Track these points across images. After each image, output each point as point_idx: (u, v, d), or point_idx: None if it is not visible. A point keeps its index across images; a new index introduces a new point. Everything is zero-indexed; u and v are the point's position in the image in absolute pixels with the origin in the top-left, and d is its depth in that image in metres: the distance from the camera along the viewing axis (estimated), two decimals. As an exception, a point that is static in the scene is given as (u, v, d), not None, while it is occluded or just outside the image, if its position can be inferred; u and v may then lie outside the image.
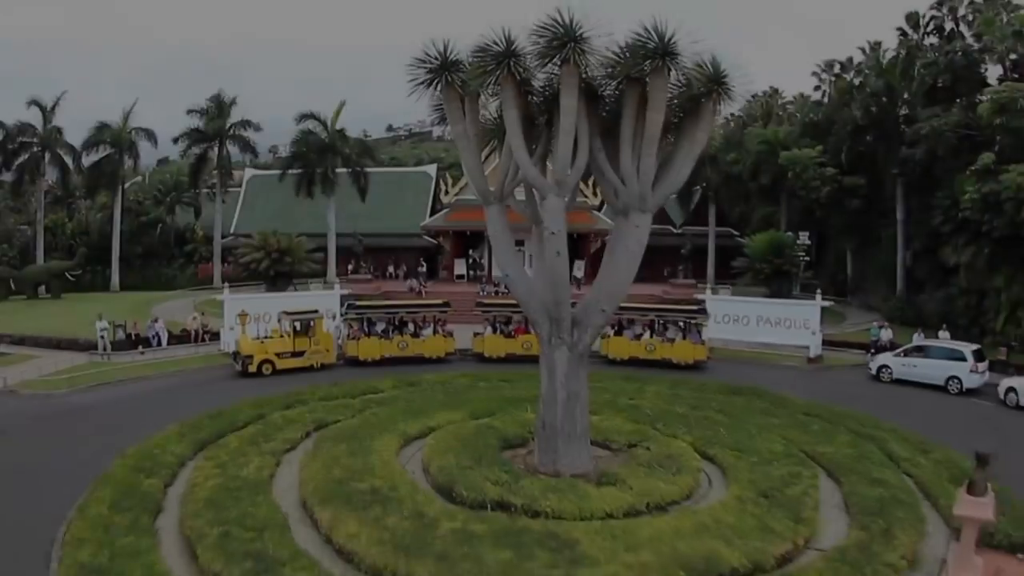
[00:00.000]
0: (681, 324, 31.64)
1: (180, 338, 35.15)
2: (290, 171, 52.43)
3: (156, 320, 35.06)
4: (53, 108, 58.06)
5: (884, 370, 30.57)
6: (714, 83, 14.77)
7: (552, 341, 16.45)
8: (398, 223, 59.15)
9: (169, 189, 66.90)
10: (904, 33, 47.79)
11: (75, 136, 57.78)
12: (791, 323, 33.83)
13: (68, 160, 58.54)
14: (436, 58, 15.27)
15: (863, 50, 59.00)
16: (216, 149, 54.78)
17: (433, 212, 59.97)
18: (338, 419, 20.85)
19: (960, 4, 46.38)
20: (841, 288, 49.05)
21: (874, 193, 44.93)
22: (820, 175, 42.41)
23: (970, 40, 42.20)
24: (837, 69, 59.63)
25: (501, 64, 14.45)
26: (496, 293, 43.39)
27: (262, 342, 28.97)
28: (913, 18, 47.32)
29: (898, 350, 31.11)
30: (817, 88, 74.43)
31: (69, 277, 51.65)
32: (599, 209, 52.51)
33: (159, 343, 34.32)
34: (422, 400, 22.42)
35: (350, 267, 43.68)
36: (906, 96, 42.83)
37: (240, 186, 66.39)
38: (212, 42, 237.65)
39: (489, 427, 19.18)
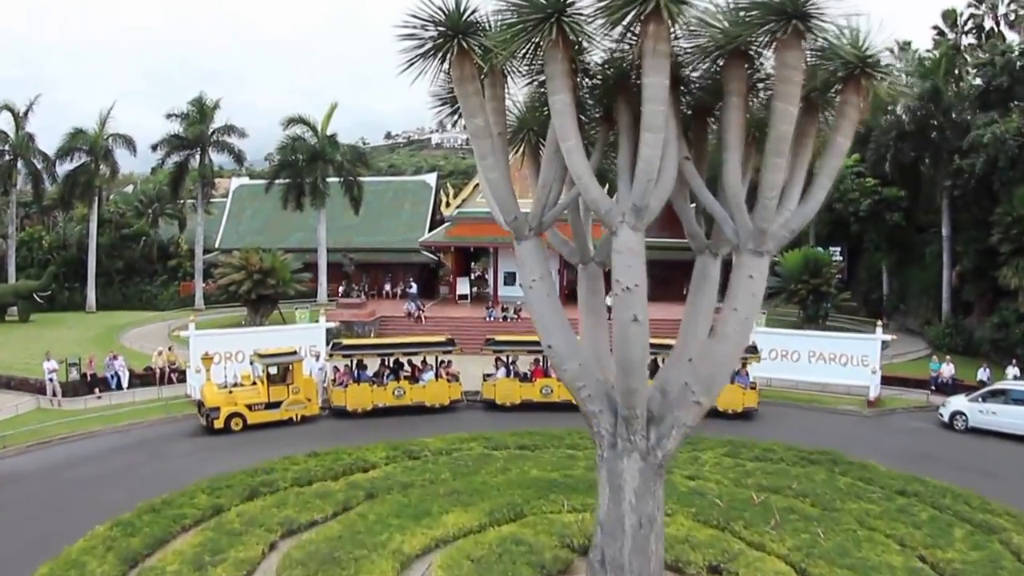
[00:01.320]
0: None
1: (144, 377, 29.51)
2: (277, 181, 46.78)
3: (115, 358, 29.35)
4: (26, 113, 52.44)
5: (958, 417, 25.37)
6: (862, 62, 9.25)
7: (617, 444, 10.89)
8: (395, 237, 53.56)
9: (151, 200, 61.08)
10: (941, 32, 42.69)
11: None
12: (847, 359, 28.37)
13: (42, 169, 52.98)
14: (443, 14, 9.63)
15: (891, 51, 54.25)
16: (198, 157, 48.92)
17: (433, 225, 54.44)
18: (314, 518, 15.25)
19: (1000, 1, 41.58)
20: (875, 308, 43.60)
21: (914, 206, 39.65)
22: (860, 186, 37.10)
23: (1017, 39, 37.36)
24: None
25: (548, 20, 8.90)
26: (505, 319, 37.79)
27: (230, 392, 23.30)
28: (951, 16, 42.24)
29: (973, 394, 25.97)
30: None
31: (37, 299, 45.85)
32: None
33: (118, 384, 28.71)
34: (423, 488, 16.70)
35: (341, 289, 38.09)
36: (951, 100, 37.63)
37: (227, 196, 60.75)
38: (212, 47, 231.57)
39: (516, 541, 13.57)
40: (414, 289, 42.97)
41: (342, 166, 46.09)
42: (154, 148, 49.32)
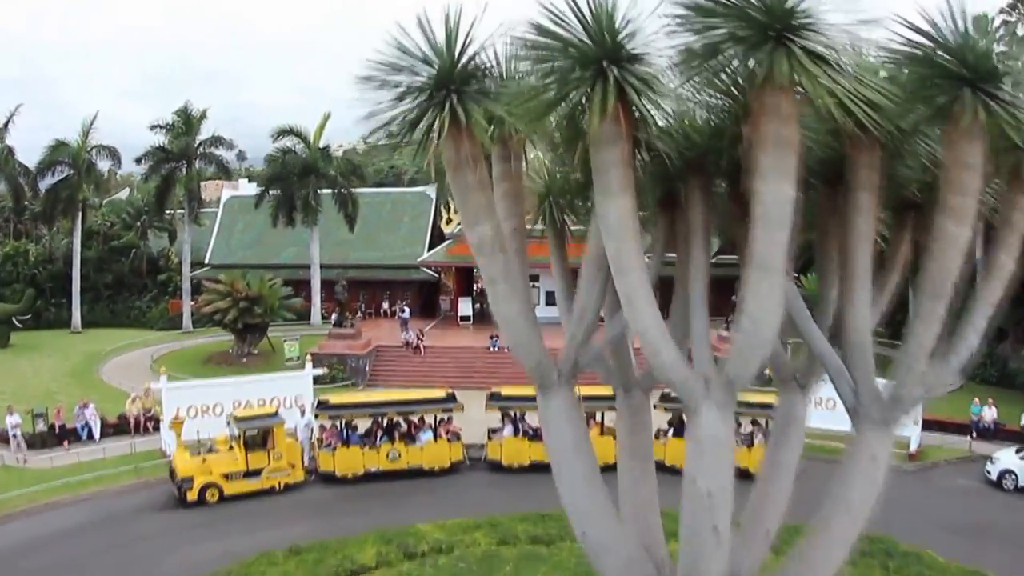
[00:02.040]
0: (760, 422, 23.28)
1: (118, 426, 26.66)
2: (269, 194, 43.78)
3: (85, 406, 26.44)
4: (6, 125, 49.53)
5: (1008, 476, 22.77)
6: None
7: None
8: (393, 252, 50.58)
9: (140, 211, 58.03)
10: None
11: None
12: None
13: (24, 183, 50.14)
14: (429, 60, 6.45)
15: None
16: (184, 170, 45.83)
17: (433, 239, 51.57)
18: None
19: (1034, 6, 38.65)
20: (898, 330, 39.91)
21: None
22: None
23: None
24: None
25: (601, 77, 5.88)
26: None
27: (204, 459, 20.42)
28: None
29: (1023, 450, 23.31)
30: None
31: (16, 323, 42.97)
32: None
33: (90, 435, 25.89)
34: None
35: (334, 316, 35.18)
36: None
37: (219, 206, 57.72)
38: (212, 46, 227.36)
39: None
40: (406, 314, 40.04)
41: (335, 180, 43.11)
42: (138, 161, 46.41)
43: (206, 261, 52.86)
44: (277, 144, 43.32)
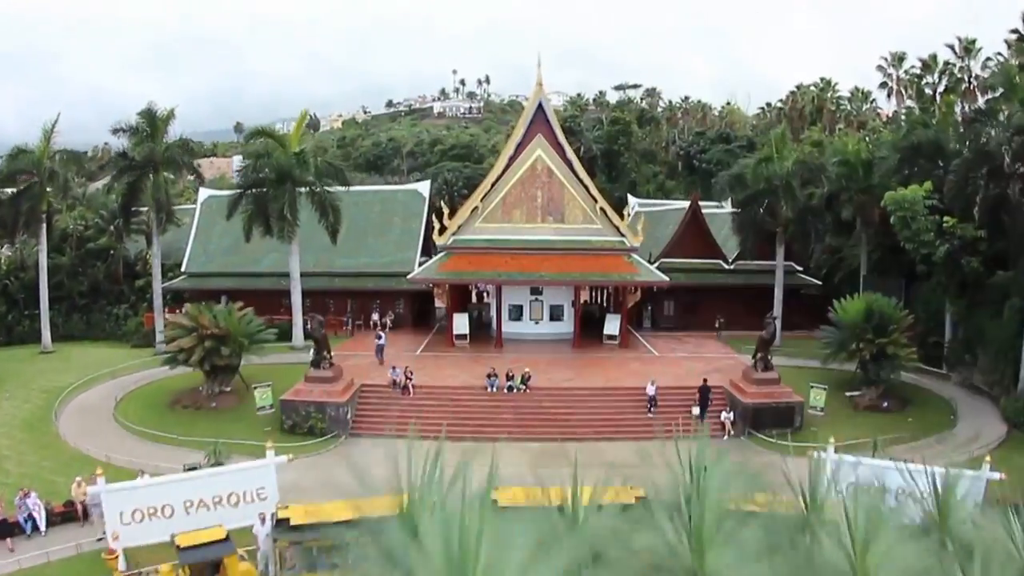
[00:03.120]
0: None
1: (67, 513, 22.97)
2: (243, 202, 39.31)
3: (27, 495, 22.55)
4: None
5: None
6: None
7: None
8: (383, 258, 46.32)
9: (115, 213, 53.63)
10: (1022, 37, 34.63)
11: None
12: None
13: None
14: None
15: (952, 48, 46.15)
16: (151, 178, 41.16)
17: (427, 242, 47.36)
18: None
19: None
20: (934, 356, 35.63)
21: (992, 246, 32.05)
22: (933, 225, 29.70)
23: None
24: (915, 68, 46.70)
25: None
26: (511, 390, 30.87)
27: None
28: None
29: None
30: (883, 85, 61.47)
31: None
32: (635, 251, 39.67)
33: (35, 527, 22.21)
34: None
35: (311, 354, 31.11)
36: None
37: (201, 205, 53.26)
38: (214, 15, 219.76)
39: None
40: (383, 340, 36.04)
41: (313, 188, 38.59)
42: (101, 167, 41.87)
43: (183, 268, 48.83)
44: (250, 148, 38.76)
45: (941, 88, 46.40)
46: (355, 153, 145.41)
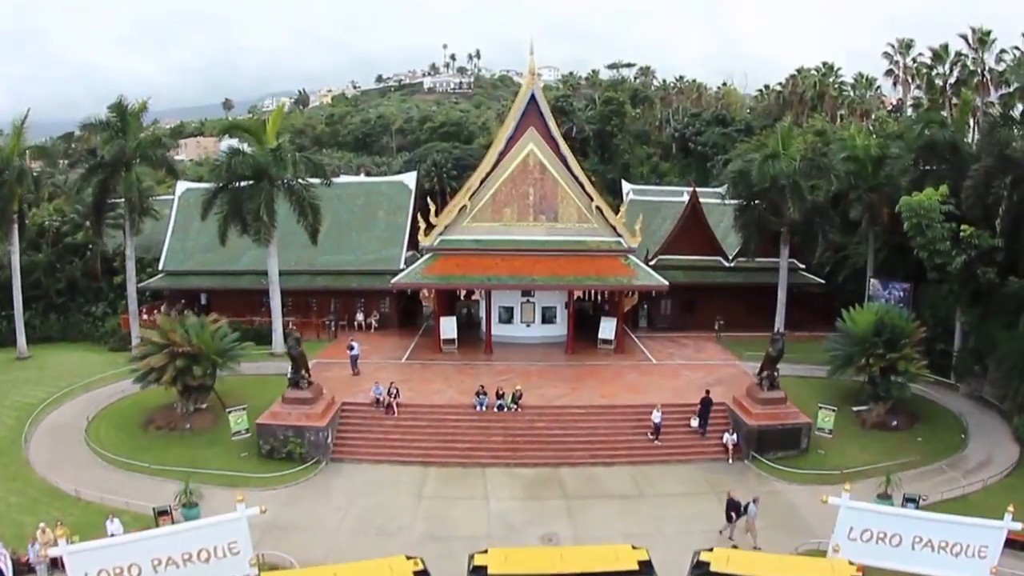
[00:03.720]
0: None
1: (31, 566, 20.98)
2: (216, 203, 36.79)
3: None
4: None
5: None
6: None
7: None
8: (367, 255, 43.92)
9: (90, 209, 50.83)
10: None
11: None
12: (961, 549, 19.69)
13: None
14: None
15: (966, 39, 43.70)
16: (122, 177, 38.44)
17: (413, 237, 45.03)
18: None
19: None
20: (942, 365, 33.36)
21: (1009, 255, 30.01)
22: (950, 233, 27.63)
23: None
24: (924, 56, 44.23)
25: None
26: (501, 408, 28.83)
27: None
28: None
29: None
30: (890, 73, 59.07)
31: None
32: (632, 252, 37.48)
33: (3, 579, 20.27)
34: None
35: (288, 374, 28.91)
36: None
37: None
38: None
39: None
40: (356, 350, 33.87)
41: (292, 186, 36.07)
42: (71, 165, 39.19)
43: (160, 266, 46.39)
44: (224, 144, 36.20)
45: (952, 80, 44.23)
46: (343, 131, 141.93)
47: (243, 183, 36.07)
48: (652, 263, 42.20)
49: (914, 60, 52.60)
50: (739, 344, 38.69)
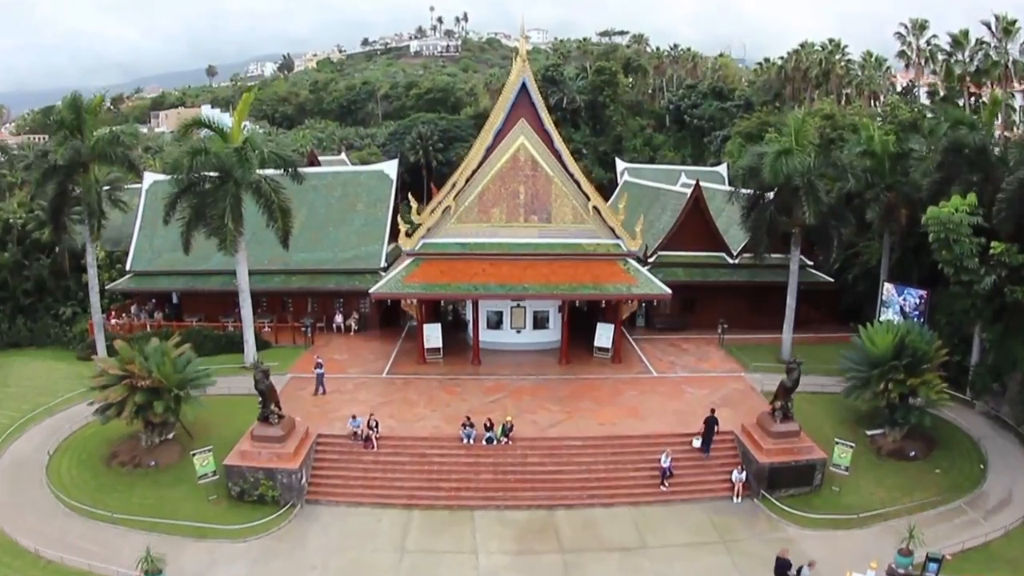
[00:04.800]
0: None
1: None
2: (178, 207, 33.46)
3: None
4: None
5: None
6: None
7: None
8: (345, 253, 40.68)
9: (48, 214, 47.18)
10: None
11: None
12: None
13: None
14: None
15: (989, 26, 40.35)
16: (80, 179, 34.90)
17: (395, 230, 41.95)
18: None
19: None
20: (957, 379, 30.24)
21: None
22: (979, 249, 24.85)
23: None
24: (940, 41, 40.90)
25: None
26: (490, 441, 26.09)
27: None
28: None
29: None
30: (902, 55, 55.45)
31: None
32: (632, 256, 34.54)
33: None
34: None
35: (258, 405, 26.22)
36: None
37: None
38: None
39: None
40: (321, 369, 31.00)
41: (260, 187, 32.74)
42: (26, 167, 35.59)
43: (128, 266, 43.19)
44: (185, 144, 32.86)
45: (972, 68, 41.10)
46: (328, 98, 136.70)
47: (207, 183, 32.79)
48: (651, 259, 39.44)
49: (928, 42, 49.39)
50: (744, 349, 36.20)
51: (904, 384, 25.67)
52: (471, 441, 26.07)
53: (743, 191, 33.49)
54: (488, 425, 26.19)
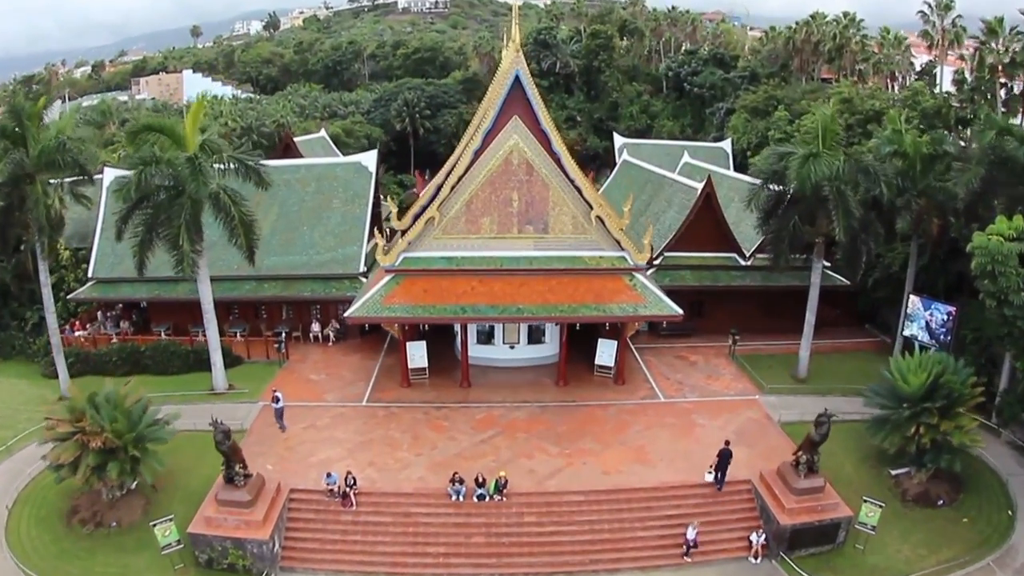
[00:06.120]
0: None
1: None
2: (128, 224, 29.89)
3: None
4: None
5: None
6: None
7: None
8: (322, 255, 36.90)
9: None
10: None
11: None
12: None
13: None
14: None
15: None
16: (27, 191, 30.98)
17: (376, 227, 38.55)
18: None
19: None
20: (982, 404, 25.99)
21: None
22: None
23: None
24: (965, 21, 36.81)
25: None
26: (481, 498, 23.19)
27: None
28: None
29: None
30: (925, 35, 51.24)
31: None
32: (639, 270, 31.15)
33: None
34: None
35: (222, 471, 23.22)
36: None
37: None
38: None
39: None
40: (280, 403, 27.77)
41: (219, 199, 29.09)
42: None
43: (90, 272, 39.66)
44: (135, 155, 29.06)
45: (1007, 59, 37.36)
46: (313, 59, 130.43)
47: (162, 193, 29.19)
48: (659, 262, 36.17)
49: (953, 23, 45.58)
50: (756, 360, 33.38)
51: (937, 429, 22.91)
52: (461, 498, 23.23)
53: (762, 189, 29.93)
54: (480, 481, 23.35)
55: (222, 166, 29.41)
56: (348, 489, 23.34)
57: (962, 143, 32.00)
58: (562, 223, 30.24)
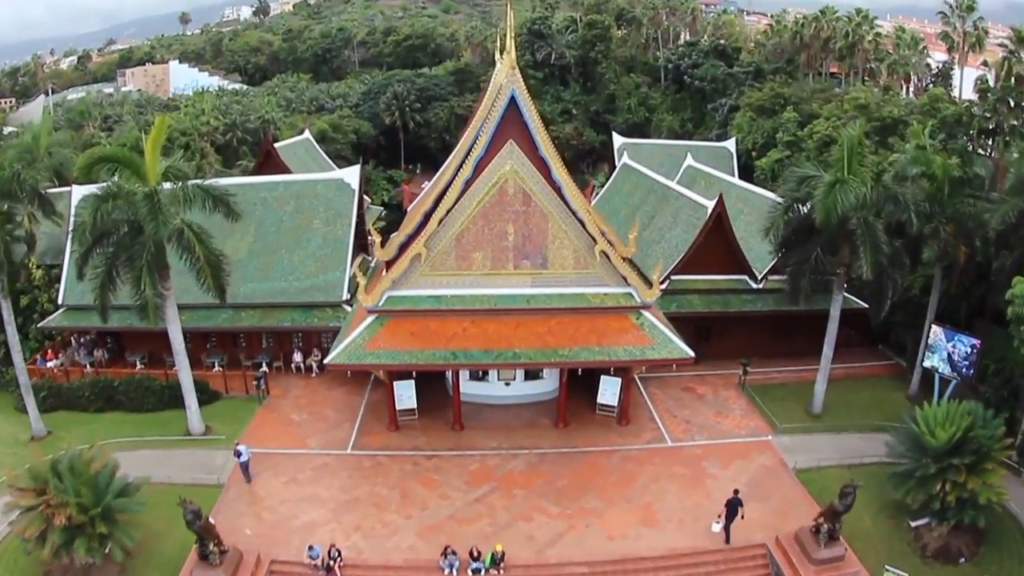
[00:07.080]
0: None
1: None
2: (87, 265, 27.53)
3: None
4: None
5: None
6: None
7: None
8: (302, 282, 34.37)
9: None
10: None
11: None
12: None
13: None
14: None
15: None
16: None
17: (358, 250, 36.20)
18: None
19: None
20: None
21: None
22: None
23: None
24: (983, 19, 34.40)
25: None
26: (478, 572, 21.43)
27: None
28: None
29: None
30: (945, 37, 48.65)
31: None
32: (647, 308, 28.73)
33: None
34: None
35: (195, 540, 21.24)
36: None
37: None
38: None
39: None
40: (244, 456, 25.54)
41: (182, 236, 26.65)
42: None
43: (60, 300, 37.33)
44: (89, 189, 26.65)
45: None
46: (302, 47, 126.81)
47: (123, 228, 26.81)
48: (664, 286, 33.90)
49: (974, 26, 43.07)
50: (767, 390, 31.36)
51: (964, 487, 20.96)
52: (455, 572, 21.22)
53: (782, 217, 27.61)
54: (475, 555, 21.29)
55: (186, 198, 26.72)
56: (332, 562, 21.26)
57: (980, 152, 29.62)
58: (563, 257, 27.82)
